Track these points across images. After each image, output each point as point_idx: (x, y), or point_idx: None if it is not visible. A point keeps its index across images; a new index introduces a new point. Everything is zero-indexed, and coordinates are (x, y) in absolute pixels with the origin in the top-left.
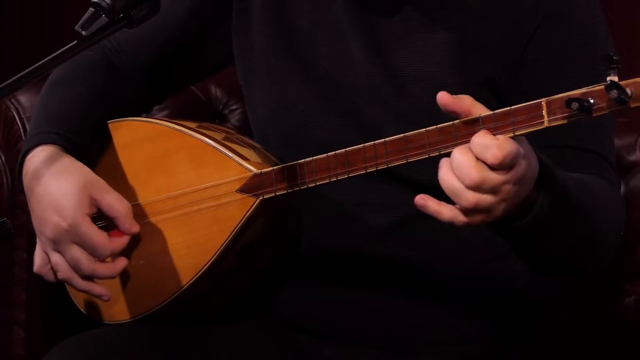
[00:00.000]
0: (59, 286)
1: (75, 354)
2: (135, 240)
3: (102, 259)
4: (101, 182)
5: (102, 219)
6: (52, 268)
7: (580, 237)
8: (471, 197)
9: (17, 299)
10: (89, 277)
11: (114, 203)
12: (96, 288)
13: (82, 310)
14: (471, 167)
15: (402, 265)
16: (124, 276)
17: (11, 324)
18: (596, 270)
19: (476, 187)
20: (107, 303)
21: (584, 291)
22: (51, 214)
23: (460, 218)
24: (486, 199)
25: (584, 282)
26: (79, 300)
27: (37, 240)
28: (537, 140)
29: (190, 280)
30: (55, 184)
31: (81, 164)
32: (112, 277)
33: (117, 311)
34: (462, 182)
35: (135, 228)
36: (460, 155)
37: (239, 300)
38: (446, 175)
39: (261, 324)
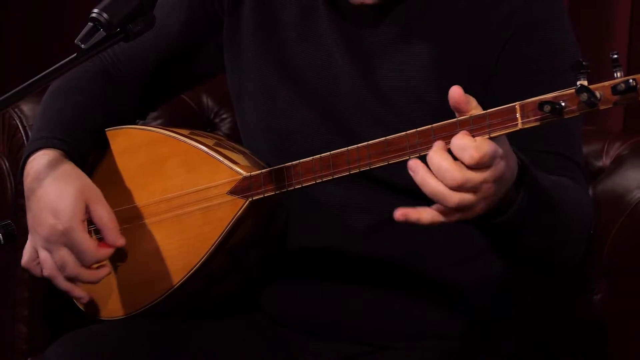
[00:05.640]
0: None
1: (75, 348)
2: (131, 240)
3: (86, 265)
4: (97, 191)
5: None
6: (39, 264)
7: (556, 233)
8: (456, 198)
9: (20, 296)
10: (72, 280)
11: (104, 216)
12: (76, 290)
13: (81, 308)
14: (452, 169)
15: (384, 264)
16: (121, 275)
17: (14, 321)
18: (568, 266)
19: (458, 187)
20: (104, 300)
21: (552, 290)
22: (48, 215)
23: (439, 218)
24: (468, 198)
25: (552, 281)
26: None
27: (29, 237)
28: (510, 144)
29: (182, 278)
30: (55, 187)
31: (80, 171)
32: (94, 283)
33: (114, 308)
34: (445, 184)
35: (119, 241)
36: (438, 158)
37: (228, 296)
38: (426, 178)
39: (249, 320)
